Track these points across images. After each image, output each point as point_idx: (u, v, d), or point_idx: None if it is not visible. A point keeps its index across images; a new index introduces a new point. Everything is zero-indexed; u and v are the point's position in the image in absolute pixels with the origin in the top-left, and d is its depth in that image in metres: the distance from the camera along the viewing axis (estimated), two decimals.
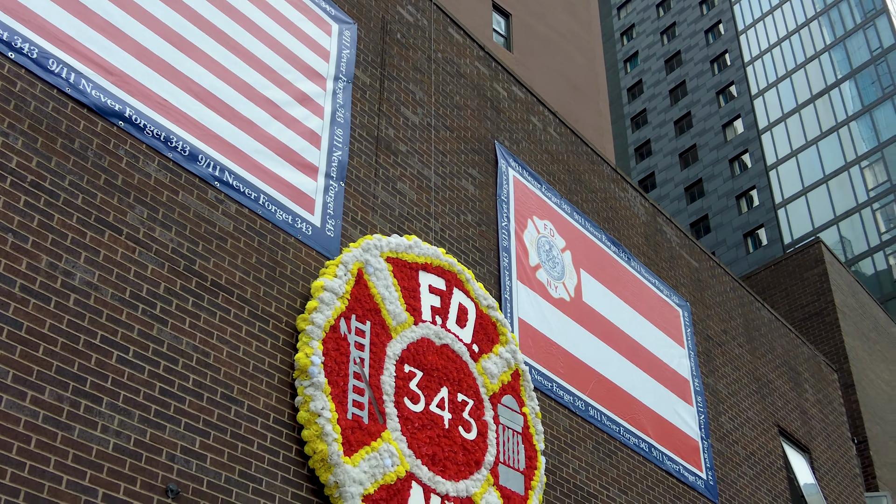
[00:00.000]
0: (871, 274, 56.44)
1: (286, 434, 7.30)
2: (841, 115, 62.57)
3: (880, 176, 58.85)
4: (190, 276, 7.22)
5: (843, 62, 64.34)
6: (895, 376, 21.29)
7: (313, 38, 9.34)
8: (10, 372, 5.34)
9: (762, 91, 68.40)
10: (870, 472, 17.36)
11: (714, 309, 14.66)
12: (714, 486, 12.21)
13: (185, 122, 7.65)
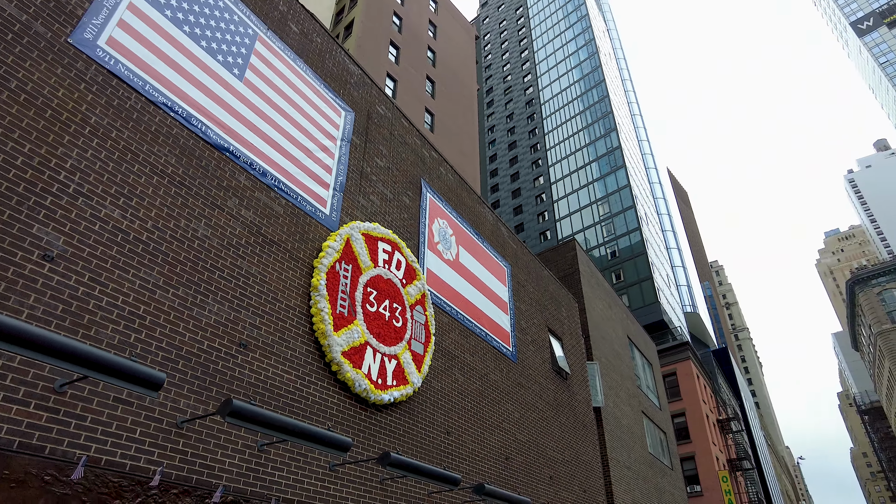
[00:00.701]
0: (597, 257, 58.07)
1: (305, 319, 7.30)
2: (590, 179, 63.94)
3: (604, 209, 60.50)
4: (259, 236, 7.12)
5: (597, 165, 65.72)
6: (605, 305, 21.93)
7: (331, 117, 9.18)
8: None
9: (553, 164, 69.43)
10: (590, 351, 17.88)
11: (521, 269, 14.95)
12: (515, 353, 12.53)
13: (262, 156, 7.50)
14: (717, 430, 41.89)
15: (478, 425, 10.23)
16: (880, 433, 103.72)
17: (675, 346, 41.72)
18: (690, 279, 65.01)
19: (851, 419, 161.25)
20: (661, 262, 58.86)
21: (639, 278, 53.00)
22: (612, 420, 17.43)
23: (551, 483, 12.18)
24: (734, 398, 61.35)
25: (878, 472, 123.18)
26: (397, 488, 7.79)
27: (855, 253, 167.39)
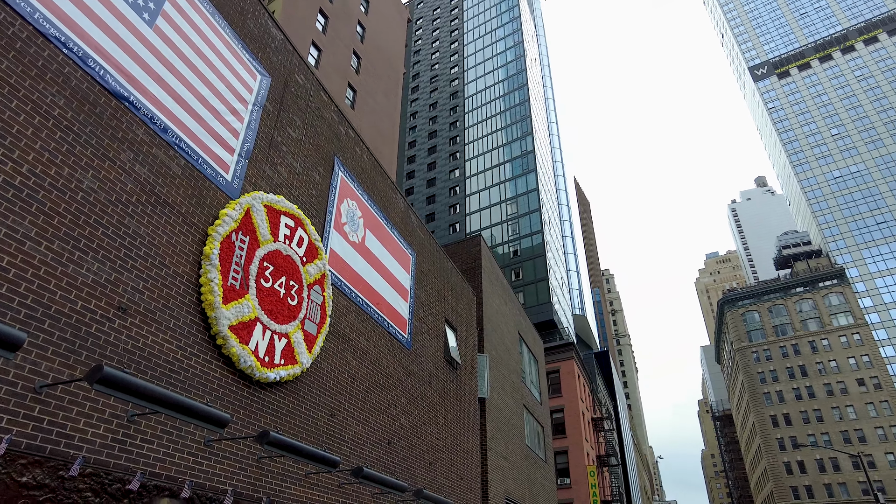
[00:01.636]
0: (500, 254, 59.84)
1: (193, 288, 6.98)
2: (503, 178, 65.55)
3: (511, 209, 62.37)
4: (152, 195, 6.70)
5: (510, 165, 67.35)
6: (501, 301, 22.66)
7: (245, 79, 8.78)
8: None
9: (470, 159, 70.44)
10: (482, 344, 18.44)
11: (426, 258, 15.12)
12: (410, 340, 12.67)
13: (165, 111, 7.05)
14: (590, 428, 44.73)
15: (364, 409, 10.28)
16: (727, 437, 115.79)
17: (561, 345, 43.98)
18: (582, 284, 68.70)
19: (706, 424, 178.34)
20: (557, 265, 61.70)
21: (535, 278, 55.25)
22: (495, 411, 18.14)
23: (430, 469, 12.50)
24: (609, 399, 65.80)
25: (721, 472, 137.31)
26: (274, 467, 7.69)
27: (728, 275, 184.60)
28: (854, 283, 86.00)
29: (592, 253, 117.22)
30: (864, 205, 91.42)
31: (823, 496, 74.04)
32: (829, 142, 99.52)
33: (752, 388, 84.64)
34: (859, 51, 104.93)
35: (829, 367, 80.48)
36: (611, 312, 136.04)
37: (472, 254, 21.05)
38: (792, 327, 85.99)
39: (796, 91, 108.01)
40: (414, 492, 10.72)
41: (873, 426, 74.39)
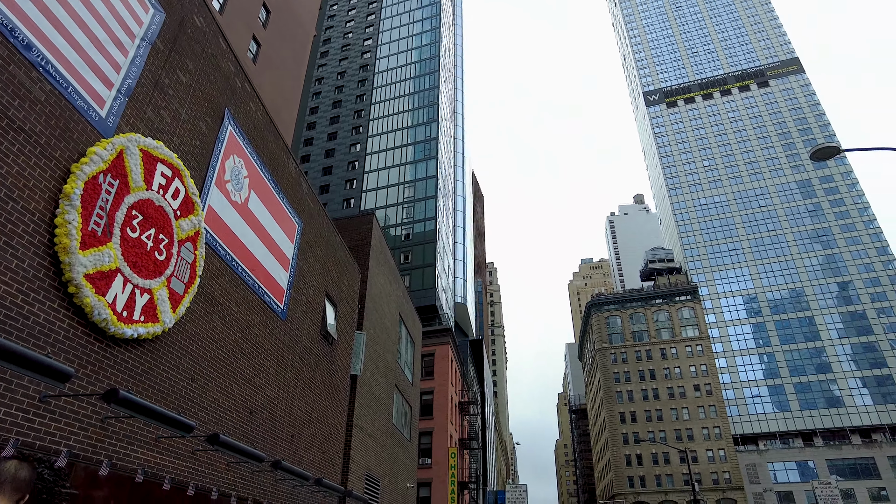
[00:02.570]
0: (392, 235, 59.86)
1: (46, 228, 6.33)
2: (403, 160, 65.41)
3: (408, 192, 62.53)
4: (5, 118, 5.97)
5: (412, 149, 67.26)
6: (387, 281, 22.76)
7: (136, 10, 8.03)
8: None
9: (372, 136, 69.46)
10: (361, 322, 18.42)
11: (314, 229, 14.78)
12: (285, 311, 12.37)
13: (32, 26, 6.29)
14: (457, 411, 46.31)
15: (228, 376, 9.91)
16: (580, 430, 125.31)
17: (440, 330, 45.04)
18: (467, 274, 70.63)
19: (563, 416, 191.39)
20: (446, 253, 62.94)
21: (424, 263, 55.97)
22: (366, 389, 18.25)
23: (292, 441, 12.34)
24: (478, 385, 68.52)
25: (571, 461, 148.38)
26: (121, 429, 7.20)
27: (599, 281, 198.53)
28: (704, 300, 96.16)
29: (480, 245, 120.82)
30: (721, 232, 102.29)
31: (654, 486, 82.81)
32: (701, 172, 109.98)
33: (607, 386, 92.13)
34: (734, 95, 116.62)
35: (674, 372, 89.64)
36: (490, 304, 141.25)
37: (362, 231, 20.89)
38: (648, 334, 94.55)
39: (680, 121, 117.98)
40: (272, 462, 10.55)
41: (700, 426, 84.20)
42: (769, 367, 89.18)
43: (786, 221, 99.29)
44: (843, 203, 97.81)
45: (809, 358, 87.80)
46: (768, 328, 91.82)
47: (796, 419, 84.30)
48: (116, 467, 6.93)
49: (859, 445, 79.74)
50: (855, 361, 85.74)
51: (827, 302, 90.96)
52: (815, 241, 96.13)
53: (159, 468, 7.86)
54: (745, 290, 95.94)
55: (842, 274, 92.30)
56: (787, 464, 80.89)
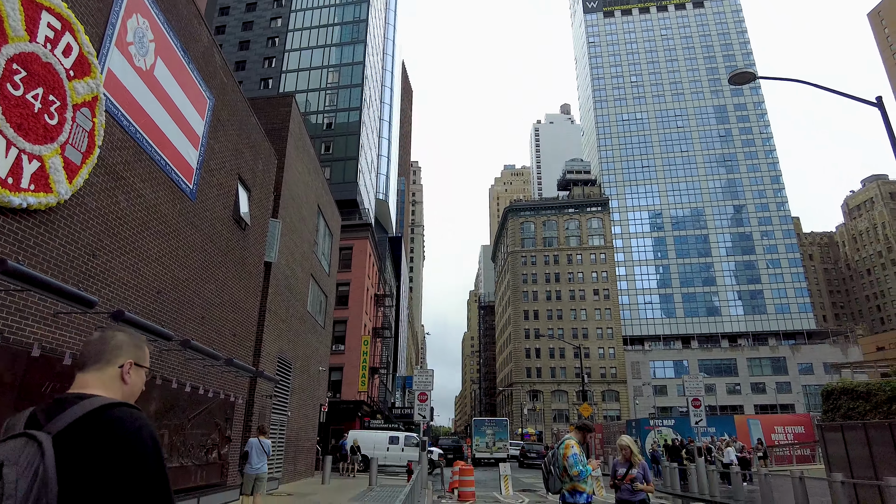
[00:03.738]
0: (313, 123, 57.25)
1: None
2: (329, 42, 61.28)
3: (333, 78, 59.30)
4: None
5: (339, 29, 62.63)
6: (305, 171, 22.09)
7: None
8: None
9: (296, 11, 64.02)
10: (276, 209, 17.95)
11: (227, 107, 13.85)
12: (195, 192, 11.81)
13: None
14: (372, 303, 47.50)
15: (133, 255, 9.51)
16: (487, 324, 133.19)
17: (359, 224, 44.94)
18: (391, 171, 69.76)
19: (472, 312, 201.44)
20: (370, 146, 61.38)
21: (346, 156, 54.48)
22: (281, 276, 18.21)
23: (202, 323, 12.29)
24: (395, 279, 70.18)
25: (476, 352, 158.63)
26: (12, 303, 6.84)
27: (518, 188, 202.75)
28: (613, 212, 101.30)
29: (406, 142, 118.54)
30: (637, 149, 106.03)
31: (548, 377, 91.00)
32: (627, 87, 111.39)
33: (515, 286, 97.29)
34: (670, 12, 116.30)
35: (577, 277, 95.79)
36: (412, 202, 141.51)
37: (281, 114, 19.82)
38: (558, 241, 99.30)
39: (614, 33, 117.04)
40: (181, 342, 10.52)
41: (595, 327, 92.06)
42: (663, 277, 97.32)
43: (698, 144, 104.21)
44: (751, 132, 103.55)
45: (699, 272, 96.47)
46: (667, 242, 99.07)
47: (679, 325, 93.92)
48: (10, 341, 6.66)
49: (726, 349, 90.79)
50: (735, 277, 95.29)
51: (722, 222, 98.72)
52: (721, 165, 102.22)
53: (59, 343, 7.63)
54: (651, 206, 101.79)
55: (738, 198, 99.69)
56: (666, 362, 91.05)
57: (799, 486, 13.70)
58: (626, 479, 6.35)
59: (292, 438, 20.20)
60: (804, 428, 32.05)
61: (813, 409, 54.69)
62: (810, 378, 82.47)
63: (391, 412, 57.90)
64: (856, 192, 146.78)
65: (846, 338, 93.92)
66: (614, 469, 6.57)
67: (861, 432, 13.47)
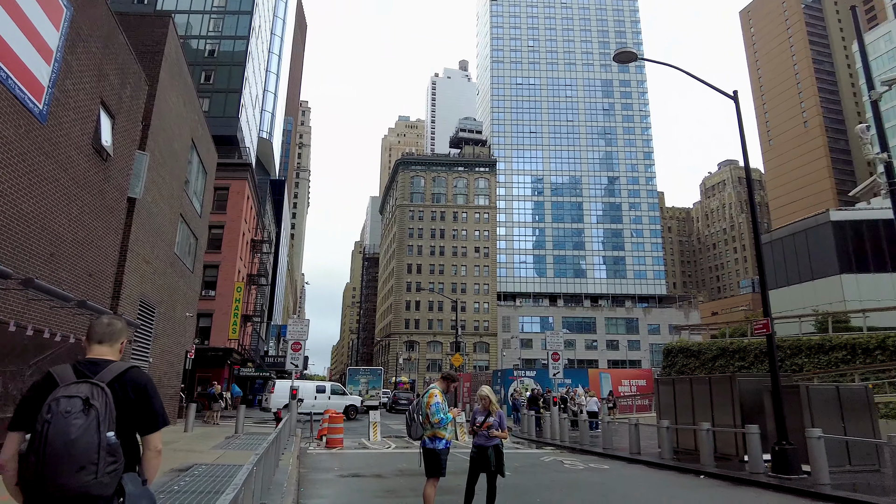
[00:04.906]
0: (192, 48, 52.36)
1: None
2: None
3: (220, 0, 54.37)
4: None
5: None
6: (180, 101, 20.45)
7: None
8: None
9: None
10: (144, 141, 16.49)
11: (89, 20, 12.29)
12: (46, 113, 10.51)
13: None
14: (248, 248, 45.59)
15: None
16: (369, 276, 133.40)
17: (238, 164, 42.49)
18: (277, 109, 66.19)
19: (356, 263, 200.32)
20: (256, 80, 57.55)
21: (228, 88, 50.72)
22: (146, 214, 16.92)
23: (50, 260, 11.19)
24: (276, 225, 67.61)
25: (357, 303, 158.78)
26: None
27: (412, 140, 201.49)
28: (499, 174, 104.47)
29: (297, 80, 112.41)
30: (528, 114, 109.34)
31: (426, 328, 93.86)
32: (525, 51, 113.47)
33: (401, 239, 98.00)
34: None
35: (461, 234, 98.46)
36: (298, 145, 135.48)
37: (155, 35, 17.99)
38: (446, 197, 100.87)
39: None
40: (22, 280, 9.56)
41: (473, 283, 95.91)
42: (539, 239, 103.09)
43: (583, 115, 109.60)
44: (631, 108, 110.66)
45: (571, 236, 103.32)
46: (545, 207, 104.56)
47: (549, 284, 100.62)
48: None
49: (588, 308, 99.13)
50: (602, 243, 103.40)
51: (596, 192, 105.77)
52: (601, 137, 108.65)
53: None
54: (535, 171, 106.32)
55: (613, 169, 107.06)
56: (534, 318, 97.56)
57: (634, 432, 15.64)
58: (483, 426, 6.92)
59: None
60: (646, 381, 36.21)
61: (656, 365, 61.71)
62: (657, 337, 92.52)
63: (263, 360, 56.80)
64: (712, 174, 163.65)
65: (689, 303, 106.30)
66: (474, 417, 7.13)
67: (687, 385, 15.55)
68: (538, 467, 13.08)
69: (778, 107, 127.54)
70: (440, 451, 6.51)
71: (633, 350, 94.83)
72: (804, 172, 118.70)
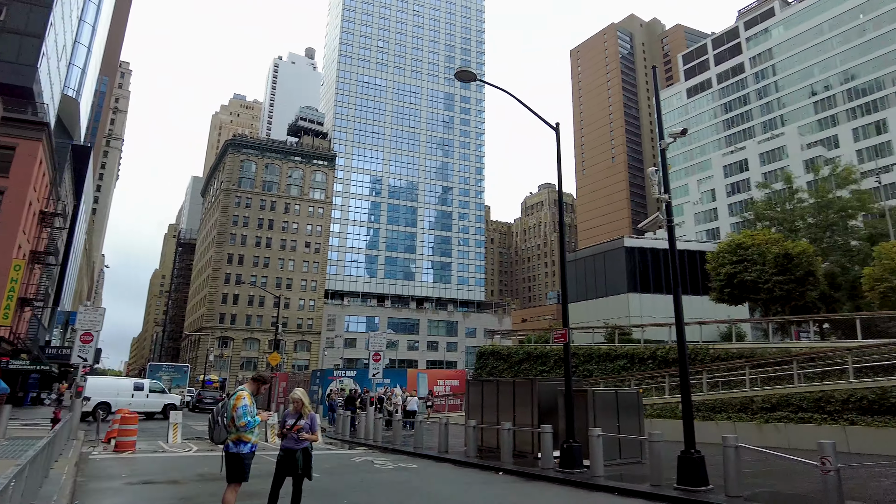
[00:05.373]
0: None
1: None
2: None
3: None
4: None
5: None
6: None
7: None
8: None
9: None
10: None
11: None
12: None
13: None
14: (35, 221, 39.25)
15: None
16: (183, 263, 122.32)
17: (32, 121, 36.37)
18: (89, 65, 57.94)
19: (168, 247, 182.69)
20: (65, 28, 49.74)
21: (27, 30, 43.05)
22: None
23: None
24: (74, 197, 58.96)
25: (166, 292, 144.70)
26: None
27: (246, 122, 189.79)
28: (338, 170, 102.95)
29: (118, 36, 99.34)
30: (372, 114, 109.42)
31: (243, 324, 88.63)
32: (374, 50, 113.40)
33: (223, 226, 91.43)
34: None
35: (291, 227, 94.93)
36: (113, 110, 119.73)
37: None
38: (278, 187, 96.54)
39: None
40: None
41: (301, 279, 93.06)
42: (373, 240, 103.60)
43: (425, 124, 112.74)
44: (469, 124, 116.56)
45: (404, 240, 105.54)
46: (382, 208, 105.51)
47: (379, 285, 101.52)
48: None
49: (414, 310, 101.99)
50: (432, 249, 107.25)
51: (430, 199, 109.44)
52: (439, 148, 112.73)
53: None
54: (374, 171, 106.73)
55: (447, 179, 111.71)
56: (360, 318, 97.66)
57: (443, 431, 16.40)
58: (294, 428, 6.74)
59: None
60: (459, 382, 38.23)
61: (471, 366, 65.46)
62: (473, 340, 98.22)
63: (44, 352, 49.03)
64: (533, 194, 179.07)
65: (504, 310, 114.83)
66: (284, 419, 6.91)
67: (494, 386, 16.75)
68: (348, 468, 13.09)
69: (593, 140, 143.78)
70: (244, 456, 6.22)
71: (451, 351, 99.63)
72: (609, 202, 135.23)
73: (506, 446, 13.88)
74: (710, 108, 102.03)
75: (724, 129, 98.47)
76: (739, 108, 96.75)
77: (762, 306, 30.13)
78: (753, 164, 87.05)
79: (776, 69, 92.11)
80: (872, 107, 78.24)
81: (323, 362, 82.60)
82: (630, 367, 25.15)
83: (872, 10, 79.48)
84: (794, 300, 28.02)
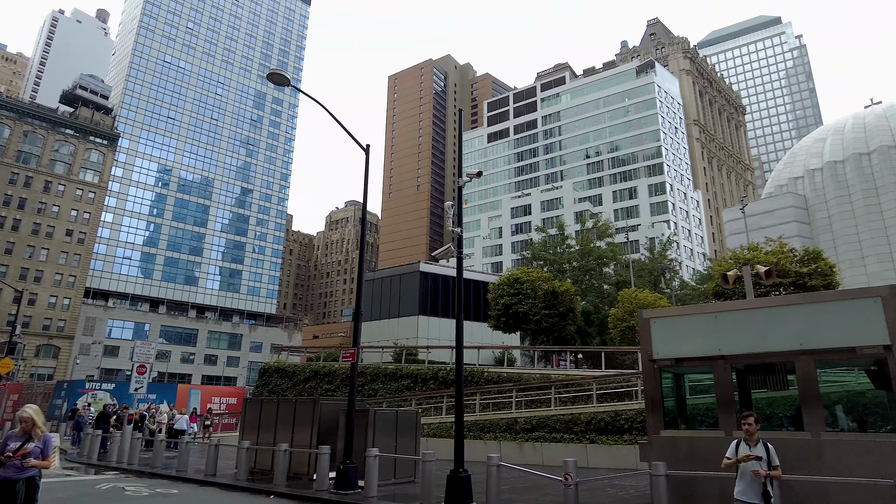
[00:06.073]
0: None
1: None
2: None
3: None
4: None
5: None
6: None
7: None
8: None
9: None
10: None
11: None
12: None
13: None
14: None
15: None
16: None
17: None
18: None
19: None
20: None
21: None
22: None
23: None
24: None
25: None
26: None
27: (5, 78, 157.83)
28: (120, 152, 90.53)
29: None
30: (170, 97, 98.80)
31: None
32: (181, 29, 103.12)
33: None
34: None
35: (50, 209, 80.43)
36: None
37: None
38: (39, 161, 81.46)
39: None
40: None
41: (55, 272, 78.85)
42: (152, 236, 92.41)
43: (229, 118, 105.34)
44: (279, 127, 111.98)
45: (190, 240, 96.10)
46: (168, 202, 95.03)
47: (154, 287, 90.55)
48: None
49: (193, 318, 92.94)
50: (222, 253, 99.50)
51: (227, 199, 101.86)
52: (243, 147, 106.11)
53: None
54: (164, 160, 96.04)
55: (249, 181, 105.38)
56: (127, 323, 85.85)
57: (213, 452, 15.10)
58: (17, 454, 5.59)
59: None
60: (237, 400, 35.75)
61: (252, 383, 61.71)
62: (258, 356, 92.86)
63: None
64: (339, 209, 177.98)
65: (295, 325, 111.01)
66: (5, 443, 5.70)
67: (274, 405, 15.98)
68: (90, 497, 11.30)
69: (402, 166, 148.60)
70: None
71: (232, 367, 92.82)
72: (411, 226, 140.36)
73: (280, 468, 13.29)
74: (505, 155, 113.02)
75: (516, 175, 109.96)
76: (529, 159, 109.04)
77: (531, 335, 33.71)
78: (535, 209, 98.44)
79: (562, 130, 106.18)
80: (629, 175, 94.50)
81: (73, 372, 70.71)
82: (414, 386, 26.06)
83: (635, 97, 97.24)
84: (557, 332, 31.90)
